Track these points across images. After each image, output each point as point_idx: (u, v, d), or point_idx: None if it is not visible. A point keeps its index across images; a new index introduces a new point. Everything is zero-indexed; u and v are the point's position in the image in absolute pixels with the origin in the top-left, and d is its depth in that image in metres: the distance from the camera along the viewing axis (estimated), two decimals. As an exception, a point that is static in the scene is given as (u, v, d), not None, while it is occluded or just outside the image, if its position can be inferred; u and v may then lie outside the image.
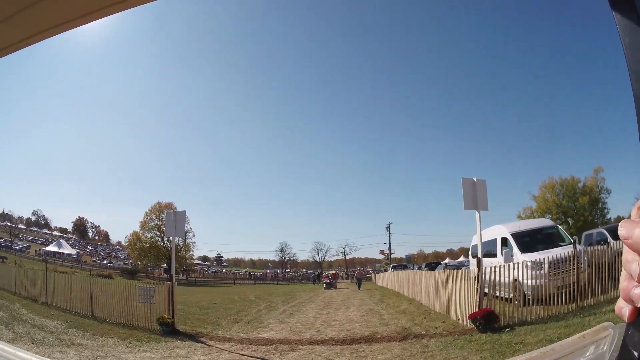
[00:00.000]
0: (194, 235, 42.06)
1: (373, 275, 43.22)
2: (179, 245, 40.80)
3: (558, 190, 44.06)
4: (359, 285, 24.91)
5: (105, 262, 46.02)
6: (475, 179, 8.07)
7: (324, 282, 33.90)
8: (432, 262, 38.31)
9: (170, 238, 43.84)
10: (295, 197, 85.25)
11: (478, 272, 7.87)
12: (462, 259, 47.95)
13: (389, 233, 56.11)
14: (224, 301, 16.53)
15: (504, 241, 10.50)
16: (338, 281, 37.60)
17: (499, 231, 10.87)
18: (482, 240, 10.80)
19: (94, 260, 46.99)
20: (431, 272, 11.78)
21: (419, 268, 32.98)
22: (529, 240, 10.30)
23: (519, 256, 9.58)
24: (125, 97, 73.41)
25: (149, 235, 39.77)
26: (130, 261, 41.21)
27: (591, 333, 1.27)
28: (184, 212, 9.29)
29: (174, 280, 9.54)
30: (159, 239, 40.44)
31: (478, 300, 7.69)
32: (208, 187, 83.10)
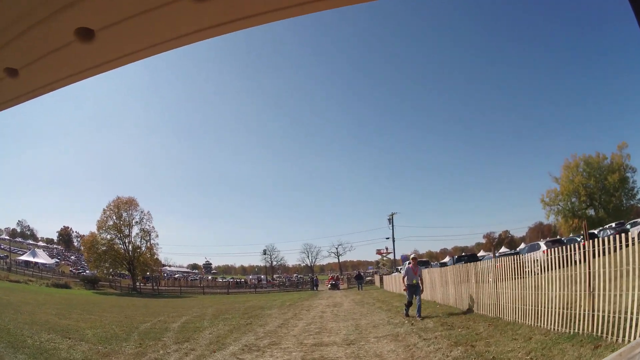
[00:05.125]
0: (157, 236, 36.27)
1: (377, 277, 40.00)
2: (140, 247, 36.25)
3: (582, 169, 36.72)
4: (408, 307, 10.54)
5: (81, 271, 44.57)
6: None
7: (330, 284, 38.61)
8: (463, 254, 30.26)
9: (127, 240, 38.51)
10: (284, 194, 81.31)
11: None
12: (482, 252, 40.54)
13: (392, 225, 48.43)
14: (110, 334, 9.63)
15: None
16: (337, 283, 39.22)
17: None
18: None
19: (71, 271, 45.81)
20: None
21: (442, 265, 26.13)
22: None
23: None
24: (109, 104, 73.15)
25: (107, 237, 35.00)
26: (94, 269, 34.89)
27: (627, 350, 1.44)
28: None
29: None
30: (118, 240, 35.06)
31: None
32: (198, 191, 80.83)
